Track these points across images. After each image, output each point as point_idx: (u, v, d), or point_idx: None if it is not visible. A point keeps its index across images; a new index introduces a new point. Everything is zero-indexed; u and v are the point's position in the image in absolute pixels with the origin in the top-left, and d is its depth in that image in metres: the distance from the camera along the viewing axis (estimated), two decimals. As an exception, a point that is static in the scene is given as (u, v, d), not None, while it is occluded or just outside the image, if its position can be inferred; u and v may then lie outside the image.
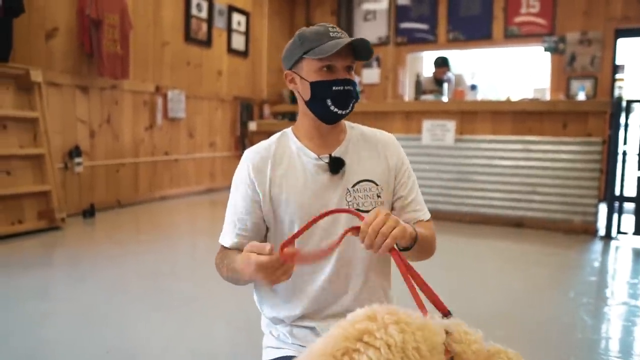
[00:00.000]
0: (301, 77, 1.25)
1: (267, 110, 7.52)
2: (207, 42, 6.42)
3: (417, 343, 0.78)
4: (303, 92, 1.26)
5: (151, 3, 5.54)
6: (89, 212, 4.68)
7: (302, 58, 1.23)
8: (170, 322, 2.34)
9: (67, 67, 4.62)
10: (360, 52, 1.23)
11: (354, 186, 1.28)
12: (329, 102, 1.23)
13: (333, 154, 1.29)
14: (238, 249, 1.29)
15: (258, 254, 1.00)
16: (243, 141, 7.01)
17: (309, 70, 1.23)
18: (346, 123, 1.38)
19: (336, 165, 1.27)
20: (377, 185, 1.30)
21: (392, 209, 1.35)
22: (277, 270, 1.00)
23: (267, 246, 1.00)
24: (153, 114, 5.66)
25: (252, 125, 6.63)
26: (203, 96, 6.43)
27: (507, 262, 3.60)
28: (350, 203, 1.27)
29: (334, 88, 1.21)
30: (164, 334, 2.21)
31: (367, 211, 1.26)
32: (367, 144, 1.34)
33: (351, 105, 1.26)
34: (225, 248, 1.32)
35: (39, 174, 4.11)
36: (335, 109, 1.23)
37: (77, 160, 4.64)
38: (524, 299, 2.79)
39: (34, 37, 4.30)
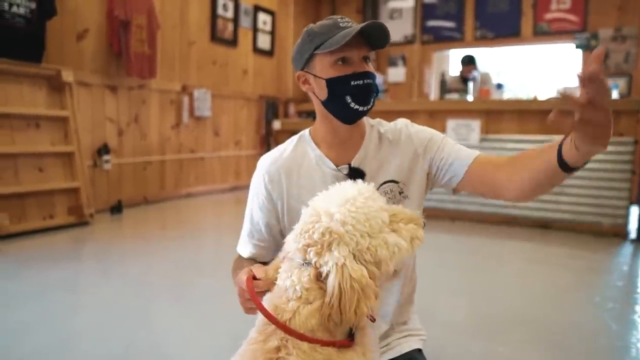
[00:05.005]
0: (315, 76, 1.16)
1: (292, 108, 7.56)
2: (233, 42, 6.50)
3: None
4: (319, 91, 1.17)
5: (178, 3, 5.64)
6: (117, 209, 4.81)
7: (314, 55, 1.14)
8: (193, 317, 2.39)
9: (97, 67, 4.75)
10: (376, 39, 1.12)
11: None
12: (348, 99, 1.12)
13: (352, 163, 1.21)
14: (256, 259, 1.29)
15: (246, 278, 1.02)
16: (268, 140, 7.07)
17: (323, 67, 1.13)
18: (366, 121, 1.27)
19: (356, 177, 1.14)
20: (397, 183, 1.22)
21: (436, 177, 1.24)
22: (247, 302, 1.03)
23: (245, 275, 1.02)
24: (179, 112, 5.76)
25: (277, 124, 6.67)
26: (229, 95, 6.51)
27: (532, 264, 3.53)
28: None
29: (352, 83, 1.11)
30: (186, 327, 2.25)
31: None
32: (382, 143, 1.25)
33: (372, 100, 1.15)
34: (242, 259, 1.31)
35: (69, 171, 4.24)
36: (356, 106, 1.13)
37: (106, 157, 4.77)
38: (548, 302, 2.73)
39: (66, 39, 4.44)
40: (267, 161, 1.26)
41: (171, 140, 5.70)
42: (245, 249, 1.31)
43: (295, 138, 1.29)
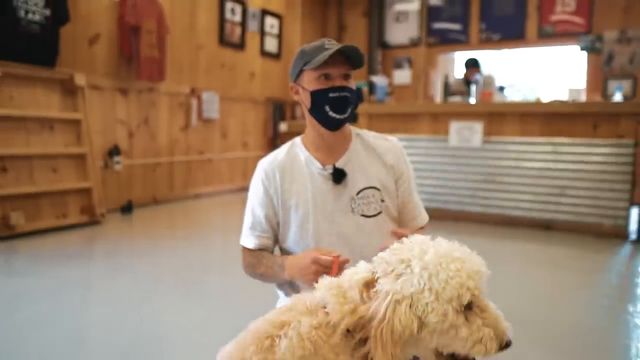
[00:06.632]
0: (303, 88, 1.38)
1: (299, 111, 7.66)
2: (241, 45, 6.62)
3: (321, 334, 0.91)
4: (305, 101, 1.38)
5: (187, 8, 5.77)
6: (127, 208, 4.94)
7: (303, 70, 1.35)
8: (199, 311, 2.49)
9: (108, 71, 4.89)
10: (353, 59, 1.33)
11: (358, 194, 1.40)
12: (327, 108, 1.33)
13: (336, 165, 1.40)
14: (261, 249, 1.46)
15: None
16: (275, 141, 7.17)
17: (309, 81, 1.35)
18: (352, 130, 1.48)
19: (338, 176, 1.39)
20: (379, 190, 1.41)
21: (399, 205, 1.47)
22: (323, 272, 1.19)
23: (334, 251, 1.25)
24: (188, 115, 5.89)
25: (283, 126, 6.78)
26: (236, 97, 6.63)
27: (533, 264, 3.58)
28: (355, 210, 1.39)
29: (330, 95, 1.33)
30: (192, 321, 2.36)
31: (372, 216, 1.39)
32: (368, 152, 1.45)
33: (349, 110, 1.36)
34: (251, 250, 1.47)
35: (81, 171, 4.38)
36: (334, 114, 1.34)
37: (117, 159, 4.91)
38: (548, 301, 2.79)
39: (78, 44, 4.58)
40: (264, 162, 1.47)
41: (180, 142, 5.82)
42: (249, 241, 1.47)
43: (289, 143, 1.49)
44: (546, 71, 9.21)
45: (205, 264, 3.44)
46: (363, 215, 1.39)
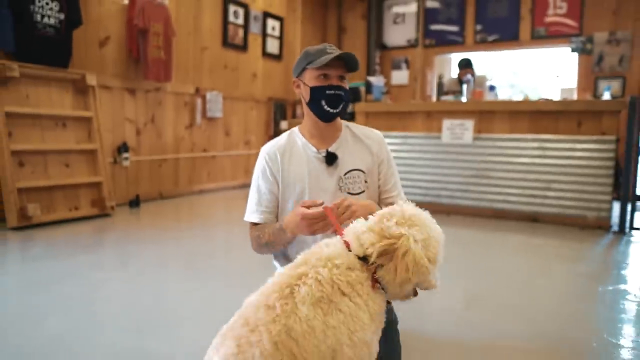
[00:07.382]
0: (304, 83, 1.63)
1: (299, 110, 7.90)
2: (243, 47, 6.86)
3: (339, 275, 1.14)
4: (305, 95, 1.64)
5: (192, 12, 6.02)
6: (135, 202, 5.18)
7: (305, 68, 1.61)
8: (202, 291, 2.72)
9: (117, 71, 5.14)
10: (350, 64, 1.60)
11: (345, 174, 1.65)
12: (323, 102, 1.59)
13: (329, 149, 1.66)
14: (265, 223, 1.69)
15: (309, 206, 1.44)
16: (276, 140, 7.38)
17: (310, 78, 1.61)
18: (343, 123, 1.74)
19: (330, 159, 1.65)
20: (364, 172, 1.67)
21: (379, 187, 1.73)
22: (318, 223, 1.41)
23: (318, 201, 1.45)
24: (193, 113, 6.13)
25: (284, 125, 7.00)
26: (239, 97, 6.87)
27: (521, 253, 3.76)
28: (342, 187, 1.65)
29: (327, 92, 1.58)
30: (196, 299, 2.59)
31: (357, 194, 1.63)
32: (356, 140, 1.71)
33: (341, 106, 1.62)
34: (256, 224, 1.70)
35: (92, 167, 4.63)
36: (328, 108, 1.60)
37: (125, 155, 5.15)
38: (533, 284, 2.98)
39: (90, 46, 4.83)
40: (267, 146, 1.73)
41: (185, 139, 6.07)
42: (255, 215, 1.70)
43: (288, 132, 1.75)
44: (542, 71, 9.41)
45: (208, 251, 3.67)
46: (349, 193, 1.64)
